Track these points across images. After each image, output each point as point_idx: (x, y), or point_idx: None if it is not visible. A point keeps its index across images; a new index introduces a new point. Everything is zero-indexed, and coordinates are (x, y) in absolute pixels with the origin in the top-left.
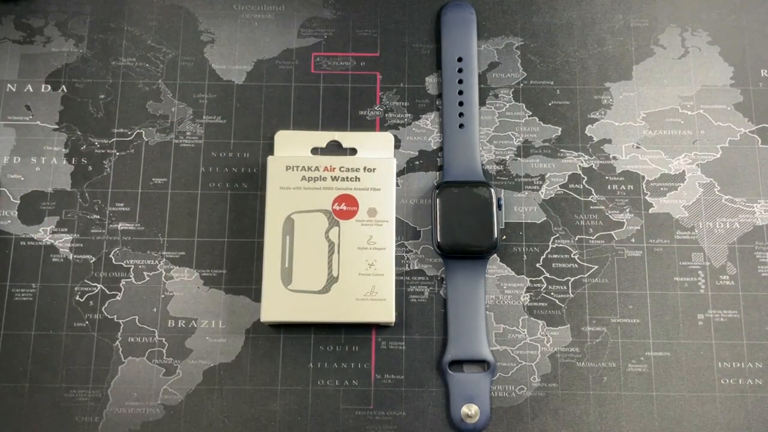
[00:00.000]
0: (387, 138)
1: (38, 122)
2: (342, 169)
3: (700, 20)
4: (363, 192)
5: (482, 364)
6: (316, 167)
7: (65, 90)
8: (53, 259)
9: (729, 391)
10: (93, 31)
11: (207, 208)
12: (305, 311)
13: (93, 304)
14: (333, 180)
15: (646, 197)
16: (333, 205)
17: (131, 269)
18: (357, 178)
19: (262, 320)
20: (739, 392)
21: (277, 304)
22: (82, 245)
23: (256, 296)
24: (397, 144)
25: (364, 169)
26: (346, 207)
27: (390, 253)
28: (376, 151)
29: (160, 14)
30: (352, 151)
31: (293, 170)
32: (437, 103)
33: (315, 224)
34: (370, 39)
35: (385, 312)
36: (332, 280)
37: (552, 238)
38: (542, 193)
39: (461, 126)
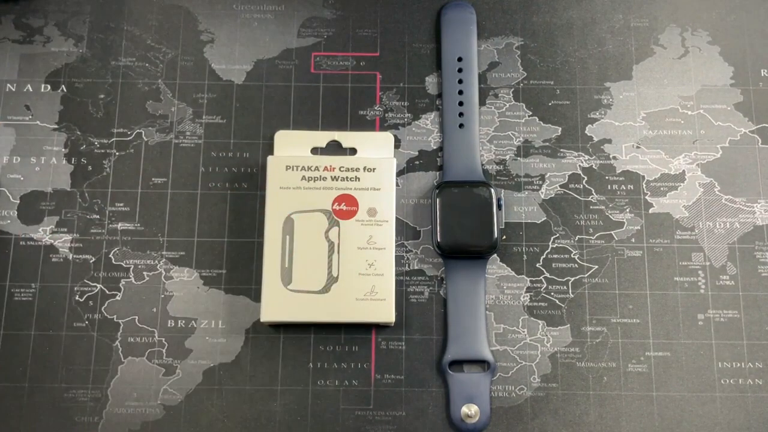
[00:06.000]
0: (387, 138)
1: (38, 122)
2: (342, 168)
3: (700, 20)
4: (363, 192)
5: (482, 364)
6: (316, 167)
7: (65, 90)
8: (53, 259)
9: (729, 391)
10: (93, 31)
11: (207, 208)
12: (305, 311)
13: (93, 304)
14: (333, 180)
15: (646, 197)
16: (333, 204)
17: (131, 269)
18: (357, 178)
19: (261, 320)
20: (739, 392)
21: (277, 304)
22: (81, 245)
23: (256, 296)
24: (397, 144)
25: (364, 168)
26: (346, 207)
27: (390, 253)
28: (376, 150)
29: (160, 14)
30: (352, 151)
31: (293, 170)
32: (437, 102)
33: (315, 224)
34: (370, 39)
35: (385, 312)
36: (332, 280)
37: (552, 238)
38: (542, 193)
39: (461, 126)
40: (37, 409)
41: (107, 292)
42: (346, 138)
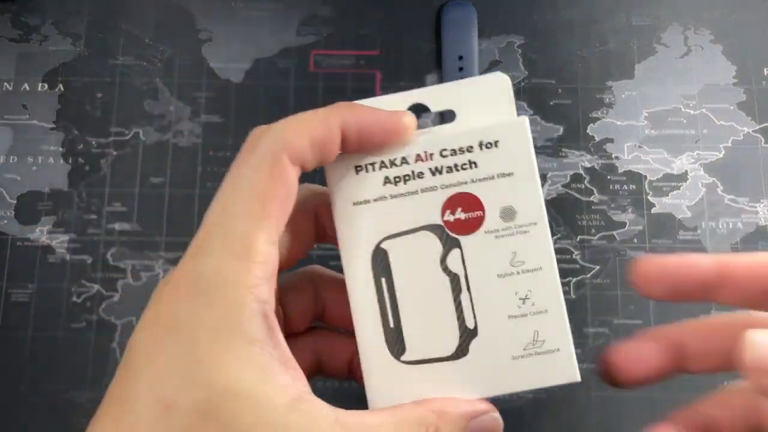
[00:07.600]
0: (500, 81)
1: (35, 121)
2: (444, 153)
3: (702, 19)
4: (486, 183)
5: None
6: (403, 159)
7: (62, 89)
8: (50, 260)
9: None
10: (90, 30)
11: (205, 208)
12: (438, 388)
13: (90, 305)
14: (434, 174)
15: (649, 197)
16: (443, 214)
17: (128, 270)
18: (473, 163)
19: (371, 408)
20: None
21: (391, 385)
22: (78, 246)
23: None
24: None
25: (480, 145)
26: (464, 214)
27: (550, 273)
28: (486, 107)
29: (158, 12)
30: (450, 116)
31: (367, 171)
32: None
33: (422, 251)
34: (370, 37)
35: (563, 368)
36: (468, 334)
37: (554, 238)
38: (544, 193)
39: None
40: (35, 410)
41: (104, 293)
42: (435, 96)
